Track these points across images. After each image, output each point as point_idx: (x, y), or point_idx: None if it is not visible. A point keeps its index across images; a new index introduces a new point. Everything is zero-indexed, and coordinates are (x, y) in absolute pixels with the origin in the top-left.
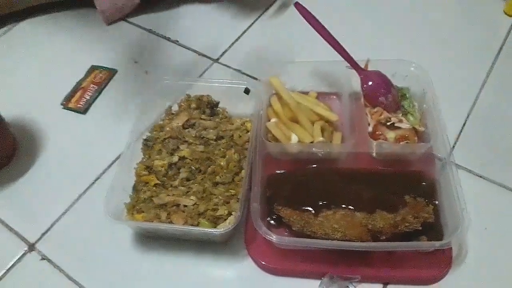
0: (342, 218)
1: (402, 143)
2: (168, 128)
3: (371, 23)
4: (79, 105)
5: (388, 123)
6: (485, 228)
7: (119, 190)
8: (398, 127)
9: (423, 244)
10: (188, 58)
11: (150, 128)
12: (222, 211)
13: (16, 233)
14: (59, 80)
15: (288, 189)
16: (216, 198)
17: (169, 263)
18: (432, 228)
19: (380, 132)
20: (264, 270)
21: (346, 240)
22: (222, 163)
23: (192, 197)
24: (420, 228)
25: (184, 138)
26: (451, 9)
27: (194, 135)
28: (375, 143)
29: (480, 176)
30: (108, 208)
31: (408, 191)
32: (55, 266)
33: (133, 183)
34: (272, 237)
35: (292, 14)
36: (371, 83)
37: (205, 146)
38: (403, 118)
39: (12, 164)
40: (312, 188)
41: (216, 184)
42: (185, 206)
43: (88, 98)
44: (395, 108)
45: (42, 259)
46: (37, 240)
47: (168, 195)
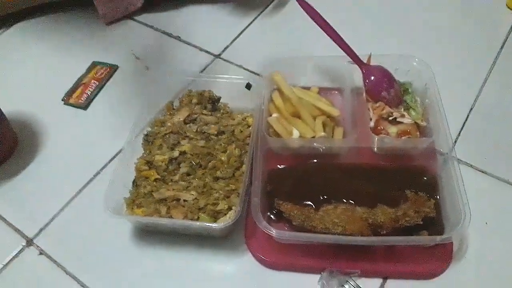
0: (342, 212)
1: (404, 138)
2: (169, 123)
3: (374, 18)
4: (80, 101)
5: (390, 118)
6: (486, 223)
7: (119, 185)
8: (400, 122)
9: (424, 239)
10: (190, 54)
11: (151, 124)
12: (222, 205)
13: (14, 228)
14: (60, 76)
15: (289, 184)
16: (216, 192)
17: (168, 258)
18: (433, 223)
19: (382, 127)
20: (264, 265)
21: (347, 234)
22: (223, 158)
23: (192, 192)
24: (421, 222)
25: (185, 133)
26: (453, 3)
27: (195, 130)
28: (376, 138)
29: (482, 171)
30: (108, 203)
31: (409, 186)
32: (53, 261)
33: (133, 179)
34: (272, 231)
35: (294, 9)
36: (373, 78)
37: (206, 141)
38: (405, 113)
39: (12, 159)
40: (313, 183)
41: (216, 179)
42: (185, 200)
43: (89, 94)
44: (397, 103)
45: (40, 254)
46: (35, 235)
47: (168, 189)
